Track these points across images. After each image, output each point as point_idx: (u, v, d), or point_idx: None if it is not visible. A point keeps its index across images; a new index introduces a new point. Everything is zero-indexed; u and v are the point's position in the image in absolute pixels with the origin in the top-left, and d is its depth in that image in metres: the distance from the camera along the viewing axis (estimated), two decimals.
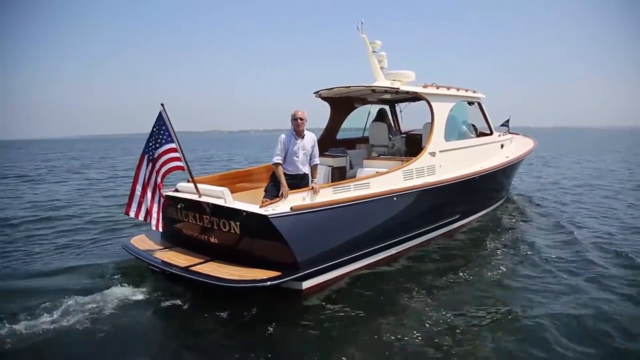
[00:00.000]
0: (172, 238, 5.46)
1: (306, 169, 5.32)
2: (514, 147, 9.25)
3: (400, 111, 9.31)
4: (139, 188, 4.82)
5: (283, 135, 5.23)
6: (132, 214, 4.85)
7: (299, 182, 5.23)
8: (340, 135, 8.64)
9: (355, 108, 8.73)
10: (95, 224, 8.28)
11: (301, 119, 5.16)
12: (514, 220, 8.29)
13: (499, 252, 6.28)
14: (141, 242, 5.46)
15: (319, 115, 8.63)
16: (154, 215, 4.86)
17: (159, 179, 4.83)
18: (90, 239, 7.11)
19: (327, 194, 5.06)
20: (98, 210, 9.82)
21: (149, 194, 4.83)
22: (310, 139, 5.31)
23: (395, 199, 5.52)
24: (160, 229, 4.99)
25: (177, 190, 5.47)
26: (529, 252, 6.23)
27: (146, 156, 4.83)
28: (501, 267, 5.62)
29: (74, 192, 13.02)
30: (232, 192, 5.20)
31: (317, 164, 5.40)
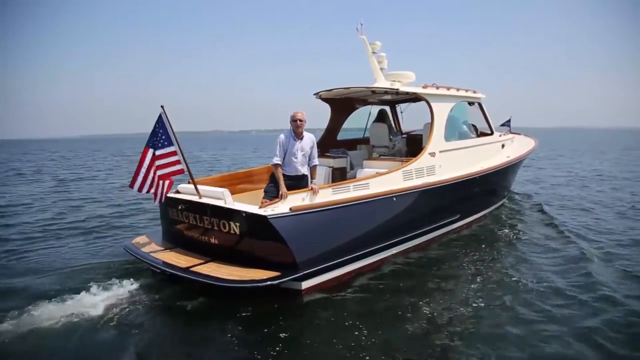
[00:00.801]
0: (173, 239, 5.51)
1: (305, 170, 5.34)
2: (515, 147, 9.25)
3: (401, 112, 9.33)
4: (143, 169, 4.88)
5: (282, 136, 5.25)
6: (135, 188, 4.93)
7: (298, 183, 5.25)
8: (341, 136, 8.66)
9: (356, 109, 8.74)
10: (96, 225, 8.32)
11: (300, 121, 5.18)
12: (514, 221, 8.28)
13: (498, 253, 6.28)
14: (142, 243, 5.50)
15: (320, 115, 8.66)
16: (159, 191, 4.94)
17: (164, 183, 4.90)
18: (92, 240, 7.15)
19: (327, 195, 5.08)
20: (99, 211, 9.86)
21: (152, 174, 4.89)
22: (309, 140, 5.32)
23: (394, 199, 5.53)
24: (162, 200, 5.06)
25: (177, 192, 5.50)
26: (527, 254, 6.22)
27: (150, 149, 4.87)
28: (500, 268, 5.64)
29: (72, 191, 13.08)
30: (233, 193, 5.23)
31: (316, 165, 5.42)
